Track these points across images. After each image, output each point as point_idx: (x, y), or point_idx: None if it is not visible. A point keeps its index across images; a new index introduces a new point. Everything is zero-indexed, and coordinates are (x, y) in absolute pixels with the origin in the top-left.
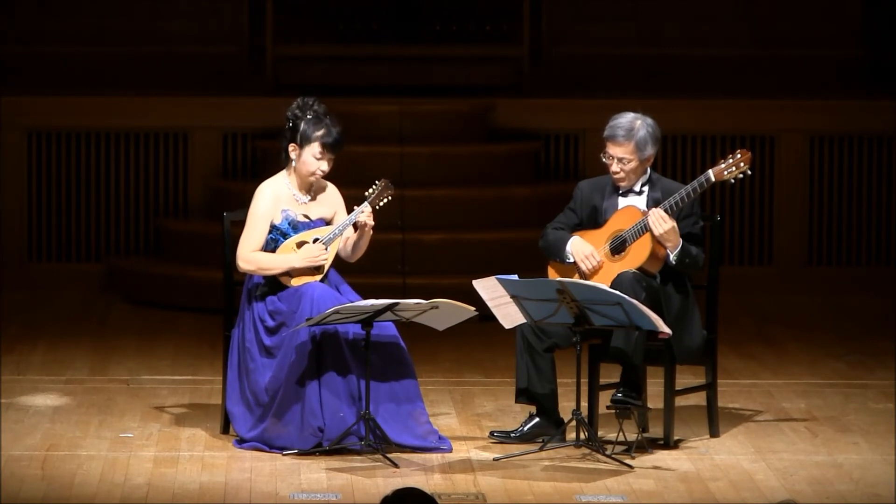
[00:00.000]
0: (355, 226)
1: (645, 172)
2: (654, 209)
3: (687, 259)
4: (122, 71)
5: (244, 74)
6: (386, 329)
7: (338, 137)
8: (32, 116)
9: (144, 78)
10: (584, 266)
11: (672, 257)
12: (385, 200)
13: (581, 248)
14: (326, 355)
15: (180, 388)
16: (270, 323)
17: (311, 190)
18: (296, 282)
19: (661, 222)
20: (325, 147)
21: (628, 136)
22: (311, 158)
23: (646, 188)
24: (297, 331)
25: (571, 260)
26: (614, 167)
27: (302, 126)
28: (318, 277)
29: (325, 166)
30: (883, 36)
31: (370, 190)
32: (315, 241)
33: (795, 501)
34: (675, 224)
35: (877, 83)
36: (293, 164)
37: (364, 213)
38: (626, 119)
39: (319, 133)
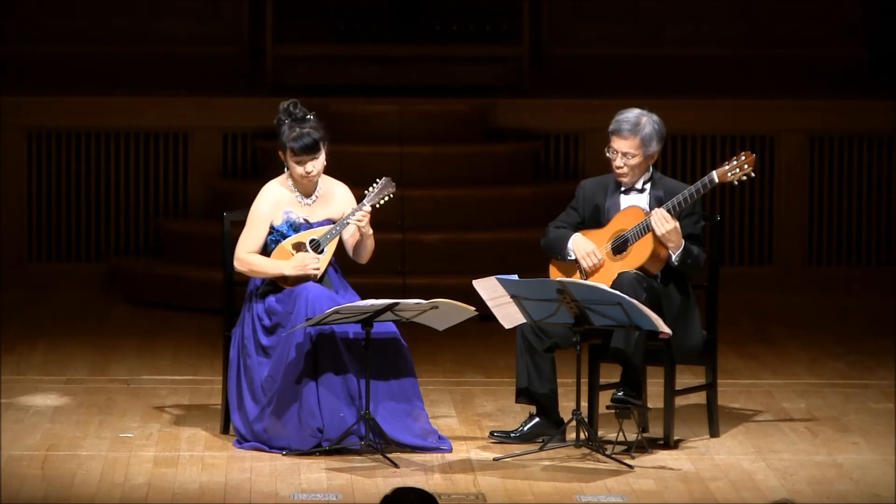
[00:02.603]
0: None
1: (647, 171)
2: (656, 209)
3: (689, 259)
4: (121, 71)
5: (244, 74)
6: (386, 327)
7: (307, 140)
8: (32, 116)
9: (144, 78)
10: (585, 264)
11: (674, 258)
12: (385, 199)
13: (582, 245)
14: (323, 355)
15: (180, 388)
16: (267, 322)
17: (316, 191)
18: (292, 283)
19: (663, 222)
20: (295, 151)
21: (634, 131)
22: (293, 164)
23: (648, 186)
24: (294, 331)
25: (573, 257)
26: (618, 162)
27: (282, 132)
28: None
29: (308, 167)
30: (883, 36)
31: (370, 189)
32: (311, 241)
33: (793, 500)
34: (677, 224)
35: (877, 83)
36: (286, 170)
37: (358, 214)
38: (633, 114)
39: (291, 137)
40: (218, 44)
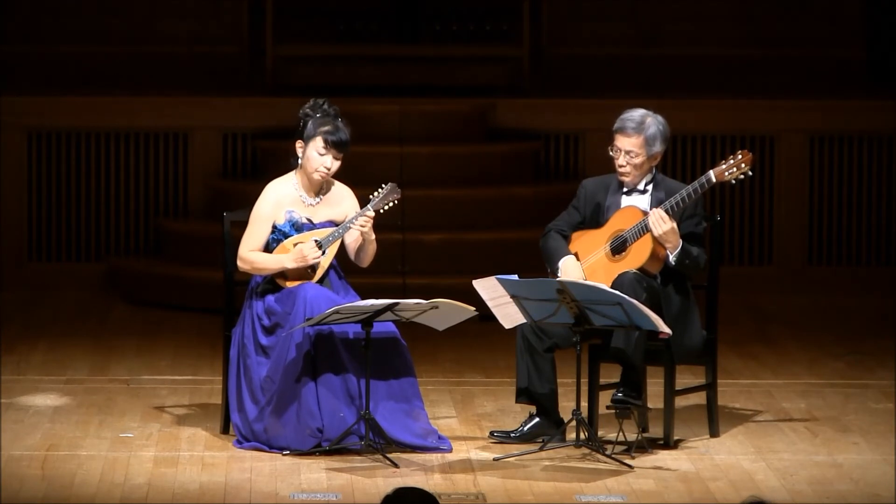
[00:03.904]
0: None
1: (650, 171)
2: (654, 209)
3: (687, 260)
4: (122, 71)
5: (244, 74)
6: (386, 327)
7: (343, 136)
8: (32, 116)
9: (145, 78)
10: None
11: (672, 258)
12: (390, 205)
13: (570, 271)
14: (321, 356)
15: (180, 388)
16: (266, 322)
17: (321, 192)
18: (290, 283)
19: (660, 223)
20: (328, 143)
21: (638, 129)
22: (315, 154)
23: (650, 187)
24: (293, 331)
25: (559, 277)
26: (620, 160)
27: (309, 123)
28: (315, 279)
29: (328, 162)
30: (883, 36)
31: (375, 193)
32: (314, 241)
33: (763, 499)
34: (674, 225)
35: (877, 83)
36: (300, 162)
37: (361, 219)
38: (638, 113)
39: (325, 129)
40: (218, 44)
